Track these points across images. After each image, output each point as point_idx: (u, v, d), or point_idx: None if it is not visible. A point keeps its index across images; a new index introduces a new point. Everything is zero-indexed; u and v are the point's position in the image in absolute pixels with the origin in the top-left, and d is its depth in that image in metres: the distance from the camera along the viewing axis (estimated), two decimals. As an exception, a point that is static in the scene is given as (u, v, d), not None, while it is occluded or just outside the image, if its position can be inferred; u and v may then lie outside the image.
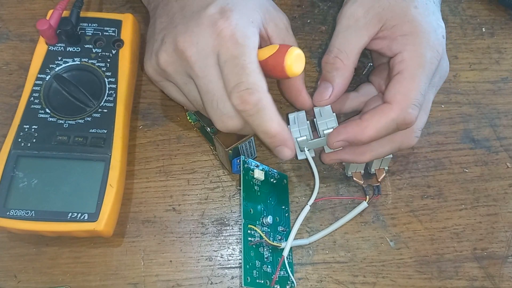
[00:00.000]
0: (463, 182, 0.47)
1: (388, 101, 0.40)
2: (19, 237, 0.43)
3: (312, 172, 0.43)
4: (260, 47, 0.38)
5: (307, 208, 0.43)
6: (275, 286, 0.40)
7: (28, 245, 0.43)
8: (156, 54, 0.38)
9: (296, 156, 0.43)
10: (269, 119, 0.37)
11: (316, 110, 0.42)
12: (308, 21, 0.53)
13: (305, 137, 0.42)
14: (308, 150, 0.43)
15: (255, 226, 0.41)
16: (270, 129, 0.37)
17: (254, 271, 0.40)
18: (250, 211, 0.42)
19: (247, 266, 0.40)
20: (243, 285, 0.39)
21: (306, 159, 0.43)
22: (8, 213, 0.40)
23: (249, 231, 0.41)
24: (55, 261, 0.43)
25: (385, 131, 0.40)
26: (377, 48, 0.43)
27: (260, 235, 0.41)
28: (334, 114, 0.42)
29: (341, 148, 0.43)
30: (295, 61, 0.37)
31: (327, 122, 0.41)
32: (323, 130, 0.41)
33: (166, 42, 0.38)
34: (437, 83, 0.43)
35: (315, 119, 0.42)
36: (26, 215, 0.40)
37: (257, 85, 0.36)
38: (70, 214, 0.40)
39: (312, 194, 0.43)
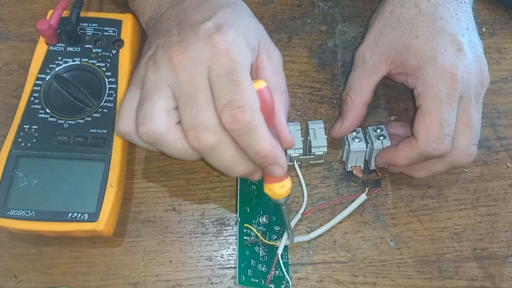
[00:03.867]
0: (463, 182, 0.47)
1: (414, 135, 0.41)
2: (19, 237, 0.43)
3: (301, 184, 0.45)
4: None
5: (298, 216, 0.44)
6: (270, 285, 0.41)
7: (28, 245, 0.43)
8: (148, 59, 0.37)
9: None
10: (261, 138, 0.35)
11: (311, 131, 0.45)
12: (308, 21, 0.53)
13: (298, 154, 0.44)
14: (298, 163, 0.46)
15: (251, 225, 0.41)
16: (262, 149, 0.35)
17: (249, 270, 0.40)
18: (247, 210, 0.42)
19: (242, 265, 0.40)
20: (237, 284, 0.39)
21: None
22: (8, 213, 0.40)
23: (245, 230, 0.41)
24: (55, 261, 0.43)
25: (417, 161, 0.42)
26: (401, 82, 0.44)
27: (255, 234, 0.41)
28: (326, 137, 0.45)
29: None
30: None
31: (319, 146, 0.44)
32: (315, 152, 0.45)
33: (160, 48, 0.37)
34: (474, 95, 0.41)
35: (309, 137, 0.45)
36: (26, 215, 0.40)
37: (250, 103, 0.34)
38: (70, 214, 0.40)
39: (302, 202, 0.45)
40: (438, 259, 0.44)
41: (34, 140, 0.43)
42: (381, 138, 0.44)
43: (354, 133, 0.45)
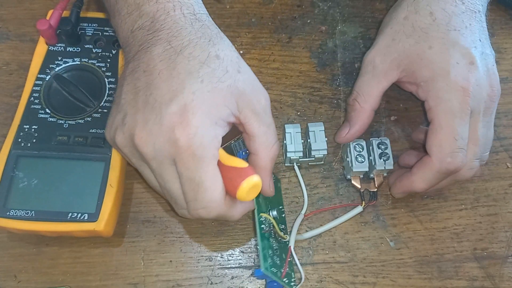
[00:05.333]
0: (463, 182, 0.46)
1: (428, 152, 0.40)
2: (19, 237, 0.43)
3: (300, 185, 0.45)
4: (239, 133, 0.39)
5: (301, 217, 0.44)
6: (284, 279, 0.40)
7: (28, 245, 0.43)
8: (115, 131, 0.37)
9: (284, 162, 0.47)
10: (226, 218, 0.38)
11: (311, 133, 0.44)
12: (308, 21, 0.53)
13: (298, 157, 0.44)
14: (298, 165, 0.46)
15: (266, 213, 0.41)
16: (235, 216, 0.39)
17: (269, 259, 0.40)
18: (259, 202, 0.41)
19: (264, 252, 0.39)
20: (262, 270, 0.39)
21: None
22: (8, 213, 0.40)
23: (261, 219, 0.41)
24: (55, 261, 0.43)
25: (435, 181, 0.41)
26: (411, 91, 0.44)
27: (271, 222, 0.41)
28: (326, 140, 0.44)
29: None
30: (248, 191, 0.36)
31: (319, 149, 0.44)
32: (314, 155, 0.44)
33: (125, 124, 0.36)
34: (483, 109, 0.41)
35: (309, 140, 0.45)
36: (26, 215, 0.40)
37: (213, 202, 0.35)
38: (70, 214, 0.40)
39: (304, 203, 0.45)
40: (438, 259, 0.44)
41: (34, 140, 0.43)
42: (384, 158, 0.44)
43: (358, 150, 0.44)
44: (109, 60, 0.46)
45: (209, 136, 0.35)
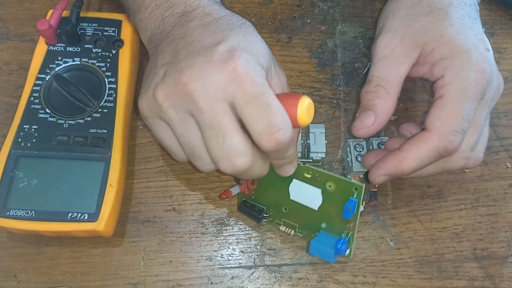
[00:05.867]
0: (463, 182, 0.47)
1: (428, 128, 0.38)
2: (19, 237, 0.43)
3: None
4: None
5: None
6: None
7: (28, 245, 0.43)
8: (155, 88, 0.35)
9: None
10: (292, 149, 0.36)
11: (311, 135, 0.44)
12: (308, 21, 0.53)
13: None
14: None
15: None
16: (290, 156, 0.37)
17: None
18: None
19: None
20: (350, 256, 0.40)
21: None
22: (8, 213, 0.40)
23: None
24: (55, 261, 0.43)
25: (427, 161, 0.38)
26: (419, 74, 0.42)
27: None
28: (326, 143, 0.44)
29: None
30: (307, 110, 0.35)
31: (318, 151, 0.44)
32: (312, 156, 0.44)
33: (168, 75, 0.35)
34: (490, 99, 0.40)
35: (308, 141, 0.44)
36: (26, 215, 0.40)
37: (286, 122, 0.33)
38: (70, 214, 0.40)
39: None
40: (438, 259, 0.44)
41: (34, 140, 0.43)
42: None
43: (358, 150, 0.44)
44: (109, 60, 0.46)
45: (261, 69, 0.35)
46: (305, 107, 0.34)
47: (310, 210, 0.41)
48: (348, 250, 0.40)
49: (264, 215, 0.43)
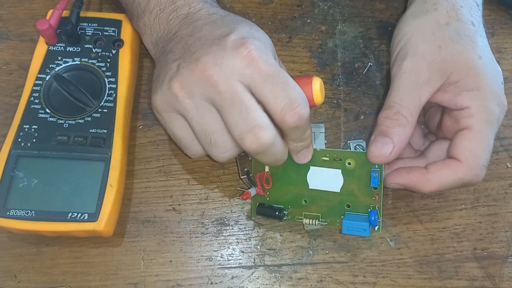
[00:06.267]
0: (463, 182, 0.47)
1: (456, 157, 0.39)
2: (19, 237, 0.43)
3: None
4: None
5: None
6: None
7: (28, 245, 0.43)
8: (170, 81, 0.36)
9: None
10: (311, 133, 0.38)
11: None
12: (308, 21, 0.53)
13: None
14: None
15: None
16: (309, 136, 0.38)
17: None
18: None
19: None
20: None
21: None
22: (8, 213, 0.40)
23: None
24: (55, 261, 0.43)
25: (449, 186, 0.40)
26: (438, 100, 0.41)
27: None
28: (325, 143, 0.45)
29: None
30: (321, 89, 0.37)
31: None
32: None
33: (182, 67, 0.36)
34: (500, 121, 0.41)
35: None
36: (26, 215, 0.40)
37: (303, 98, 0.35)
38: (70, 214, 0.40)
39: None
40: (438, 259, 0.44)
41: (34, 140, 0.43)
42: None
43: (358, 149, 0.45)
44: (109, 60, 0.46)
45: (271, 55, 0.37)
46: (318, 86, 0.37)
47: (332, 194, 0.41)
48: (378, 222, 0.40)
49: (284, 212, 0.42)
